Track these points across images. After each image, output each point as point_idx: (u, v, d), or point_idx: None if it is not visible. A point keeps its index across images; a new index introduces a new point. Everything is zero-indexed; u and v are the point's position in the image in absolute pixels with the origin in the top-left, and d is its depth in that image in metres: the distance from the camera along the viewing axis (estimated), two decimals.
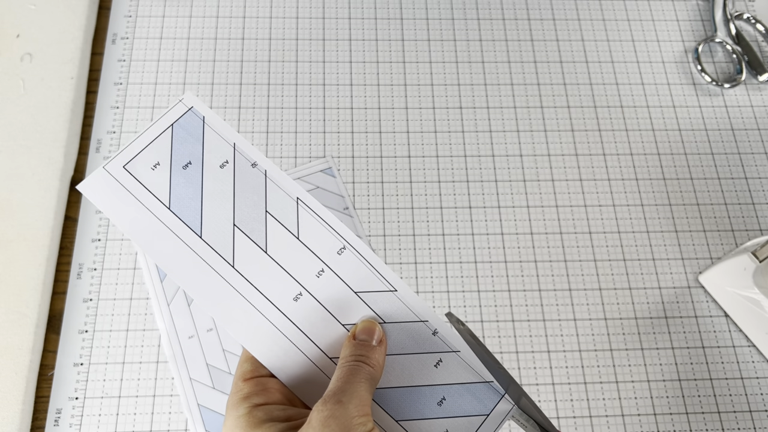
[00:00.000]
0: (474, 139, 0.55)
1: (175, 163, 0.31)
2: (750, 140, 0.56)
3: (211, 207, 0.31)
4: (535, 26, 0.60)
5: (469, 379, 0.30)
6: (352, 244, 0.31)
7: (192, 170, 0.31)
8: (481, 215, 0.52)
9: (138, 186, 0.30)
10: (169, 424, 0.45)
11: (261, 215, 0.31)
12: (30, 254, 0.48)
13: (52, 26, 0.56)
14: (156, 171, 0.31)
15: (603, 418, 0.46)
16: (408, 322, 0.31)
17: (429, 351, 0.30)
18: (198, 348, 0.46)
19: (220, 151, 0.31)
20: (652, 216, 0.53)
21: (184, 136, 0.31)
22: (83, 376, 0.46)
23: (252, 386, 0.29)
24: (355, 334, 0.30)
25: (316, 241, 0.31)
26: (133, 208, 0.30)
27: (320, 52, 0.58)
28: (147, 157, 0.31)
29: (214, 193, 0.31)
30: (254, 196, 0.31)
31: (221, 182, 0.31)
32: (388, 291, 0.31)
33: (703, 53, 0.60)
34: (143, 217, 0.30)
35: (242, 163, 0.31)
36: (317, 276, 0.31)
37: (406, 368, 0.30)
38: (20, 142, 0.52)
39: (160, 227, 0.30)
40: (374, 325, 0.30)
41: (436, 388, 0.30)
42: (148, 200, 0.30)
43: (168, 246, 0.30)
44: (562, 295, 0.50)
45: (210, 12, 0.59)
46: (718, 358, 0.48)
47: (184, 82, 0.56)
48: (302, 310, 0.30)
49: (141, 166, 0.31)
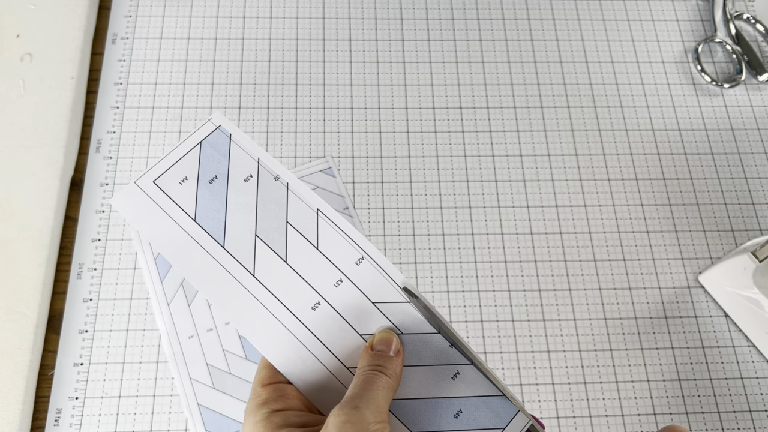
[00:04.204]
0: (474, 139, 0.55)
1: (202, 178, 0.32)
2: (750, 140, 0.56)
3: (234, 218, 0.31)
4: (535, 26, 0.60)
5: (485, 392, 0.30)
6: (371, 255, 0.32)
7: (218, 184, 0.32)
8: (481, 215, 0.52)
9: (166, 199, 0.31)
10: (169, 424, 0.45)
11: (282, 226, 0.32)
12: (30, 254, 0.48)
13: (52, 26, 0.56)
14: (184, 185, 0.32)
15: (603, 418, 0.46)
16: (425, 333, 0.31)
17: (446, 363, 0.30)
18: (198, 348, 0.46)
19: (245, 166, 0.32)
20: (652, 216, 0.53)
21: (211, 153, 0.33)
22: (83, 376, 0.46)
23: (270, 392, 0.29)
24: (372, 345, 0.30)
25: (334, 251, 0.31)
26: (160, 220, 0.31)
27: (320, 52, 0.58)
28: (176, 173, 0.32)
29: (237, 205, 0.32)
30: (276, 208, 0.32)
31: (245, 195, 0.32)
32: (406, 302, 0.31)
33: (703, 53, 0.60)
34: (170, 228, 0.31)
35: (265, 176, 0.32)
36: (335, 286, 0.31)
37: (424, 380, 0.30)
38: (20, 142, 0.52)
39: (185, 238, 0.31)
40: (392, 335, 0.30)
41: (453, 400, 0.30)
42: (175, 213, 0.31)
43: (192, 256, 0.31)
44: (562, 295, 0.50)
45: (210, 12, 0.59)
46: (718, 358, 0.48)
47: (184, 82, 0.56)
48: (320, 319, 0.30)
49: (170, 181, 0.32)
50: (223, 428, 0.44)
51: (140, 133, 0.54)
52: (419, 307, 0.30)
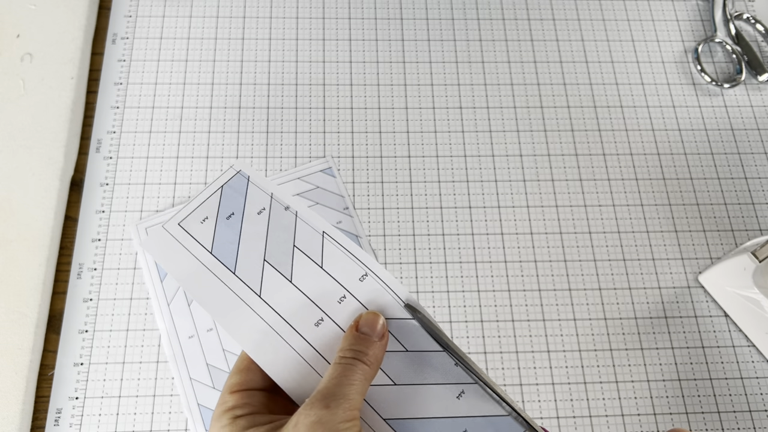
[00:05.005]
0: (474, 139, 0.55)
1: (220, 216, 0.34)
2: (750, 140, 0.56)
3: (246, 247, 0.33)
4: (535, 26, 0.60)
5: (491, 412, 0.29)
6: (375, 271, 0.32)
7: (234, 220, 0.34)
8: (481, 215, 0.52)
9: (188, 238, 0.33)
10: (169, 424, 0.45)
11: (289, 249, 0.33)
12: (30, 254, 0.48)
13: (52, 26, 0.56)
14: (204, 224, 0.34)
15: (603, 418, 0.46)
16: (430, 351, 0.31)
17: (451, 382, 0.30)
18: (198, 348, 0.46)
19: (259, 201, 0.34)
20: (651, 216, 0.53)
21: (230, 194, 0.35)
22: (83, 375, 0.46)
23: (237, 399, 0.29)
24: (358, 325, 0.29)
25: (339, 268, 0.32)
26: (182, 257, 0.33)
27: (320, 52, 0.58)
28: (198, 214, 0.34)
29: (249, 236, 0.33)
30: (284, 234, 0.33)
31: (257, 225, 0.33)
32: (410, 318, 0.31)
33: (703, 53, 0.60)
34: (190, 263, 0.33)
35: (277, 208, 0.34)
36: (339, 302, 0.31)
37: (429, 399, 0.30)
38: (20, 142, 0.52)
39: (202, 270, 0.32)
40: (378, 317, 0.30)
41: (458, 420, 0.29)
42: (195, 248, 0.33)
43: (206, 285, 0.32)
44: (562, 295, 0.50)
45: (210, 12, 0.59)
46: (718, 358, 0.48)
47: (184, 82, 0.56)
48: (324, 336, 0.30)
49: (193, 222, 0.34)
50: None
51: (140, 133, 0.54)
52: (424, 324, 0.30)
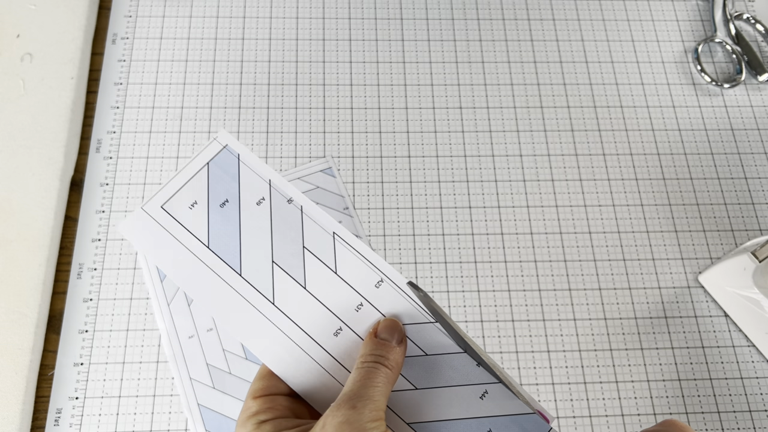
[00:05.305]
0: (474, 139, 0.55)
1: (212, 202, 0.31)
2: (750, 140, 0.56)
3: (249, 244, 0.31)
4: (535, 26, 0.60)
5: (516, 411, 0.29)
6: (390, 277, 0.31)
7: (229, 208, 0.31)
8: (481, 215, 0.52)
9: (176, 225, 0.31)
10: (169, 424, 0.45)
11: (299, 251, 0.31)
12: (30, 254, 0.48)
13: (52, 26, 0.56)
14: (194, 210, 0.31)
15: (603, 418, 0.46)
16: (451, 353, 0.30)
17: (474, 383, 0.30)
18: (198, 348, 0.46)
19: (256, 188, 0.32)
20: (651, 216, 0.53)
21: (220, 174, 0.32)
22: (83, 376, 0.46)
23: (260, 404, 0.29)
24: (376, 332, 0.30)
25: (354, 275, 0.31)
26: (172, 247, 0.30)
27: (320, 52, 0.58)
28: (184, 197, 0.31)
29: (251, 231, 0.31)
30: (291, 232, 0.31)
31: (258, 219, 0.31)
32: (429, 322, 0.31)
33: (703, 53, 0.60)
34: (182, 256, 0.30)
35: (278, 199, 0.32)
36: (356, 310, 0.31)
37: (451, 401, 0.30)
38: (20, 142, 0.52)
39: (199, 266, 0.30)
40: (396, 323, 0.30)
41: (483, 420, 0.29)
42: (187, 239, 0.31)
43: (208, 284, 0.30)
44: (562, 295, 0.50)
45: (210, 12, 0.59)
46: (718, 358, 0.48)
47: (184, 82, 0.56)
48: (343, 345, 0.30)
49: (179, 206, 0.31)
50: (223, 428, 0.44)
51: (140, 133, 0.54)
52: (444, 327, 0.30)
